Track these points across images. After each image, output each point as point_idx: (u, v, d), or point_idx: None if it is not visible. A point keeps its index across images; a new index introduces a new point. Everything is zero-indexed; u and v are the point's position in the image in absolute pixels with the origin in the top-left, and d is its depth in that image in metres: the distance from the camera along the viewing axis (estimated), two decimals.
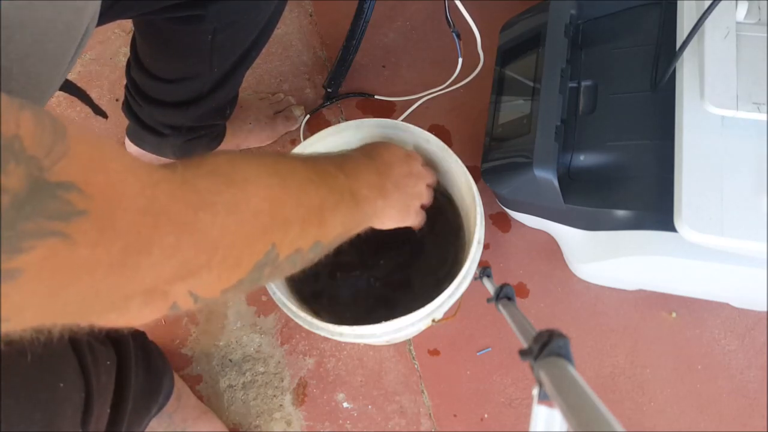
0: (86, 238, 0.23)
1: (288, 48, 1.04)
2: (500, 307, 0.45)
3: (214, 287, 0.32)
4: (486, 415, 0.81)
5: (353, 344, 0.85)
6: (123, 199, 0.25)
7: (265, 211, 0.35)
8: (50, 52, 0.35)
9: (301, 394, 0.84)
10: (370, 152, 0.57)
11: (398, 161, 0.58)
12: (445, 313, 0.61)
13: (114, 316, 0.28)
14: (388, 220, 0.56)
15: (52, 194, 0.22)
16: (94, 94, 1.01)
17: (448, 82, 0.97)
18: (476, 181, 0.68)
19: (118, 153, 0.26)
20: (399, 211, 0.56)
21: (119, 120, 0.88)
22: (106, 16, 0.54)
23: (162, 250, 0.27)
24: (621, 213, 0.70)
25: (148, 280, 0.27)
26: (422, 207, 0.61)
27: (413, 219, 0.59)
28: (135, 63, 0.73)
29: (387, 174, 0.55)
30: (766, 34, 0.63)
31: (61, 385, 0.46)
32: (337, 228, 0.44)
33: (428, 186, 0.61)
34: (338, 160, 0.49)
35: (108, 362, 0.55)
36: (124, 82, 0.78)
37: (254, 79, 1.02)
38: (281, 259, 0.37)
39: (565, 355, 0.29)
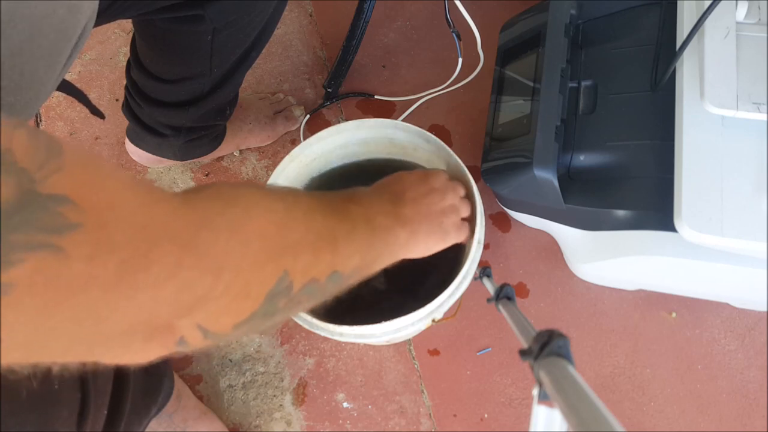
0: (80, 251, 0.22)
1: (288, 48, 1.04)
2: (500, 307, 0.45)
3: (225, 320, 0.31)
4: (486, 415, 0.81)
5: (353, 344, 0.85)
6: (120, 214, 0.24)
7: (271, 234, 0.33)
8: (45, 49, 0.35)
9: (301, 394, 0.84)
10: (379, 185, 0.53)
11: (411, 185, 0.54)
12: (445, 313, 0.61)
13: (118, 351, 0.27)
14: (419, 246, 0.51)
15: (43, 206, 0.21)
16: (93, 95, 1.01)
17: (448, 82, 0.97)
18: (476, 181, 0.68)
19: (116, 172, 0.25)
20: (430, 234, 0.51)
21: (119, 120, 0.88)
22: (105, 15, 0.54)
23: (161, 267, 0.25)
24: (621, 213, 0.70)
25: (149, 303, 0.25)
26: (463, 219, 0.57)
27: (454, 236, 0.54)
28: (135, 63, 0.73)
29: (400, 201, 0.51)
30: (766, 34, 0.63)
31: (57, 386, 0.46)
32: (354, 257, 0.41)
33: (462, 198, 0.58)
34: (345, 193, 0.46)
35: None
36: (124, 82, 0.78)
37: (254, 79, 1.02)
38: (296, 290, 0.35)
39: (565, 355, 0.29)
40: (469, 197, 0.60)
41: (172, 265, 0.26)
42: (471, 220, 0.59)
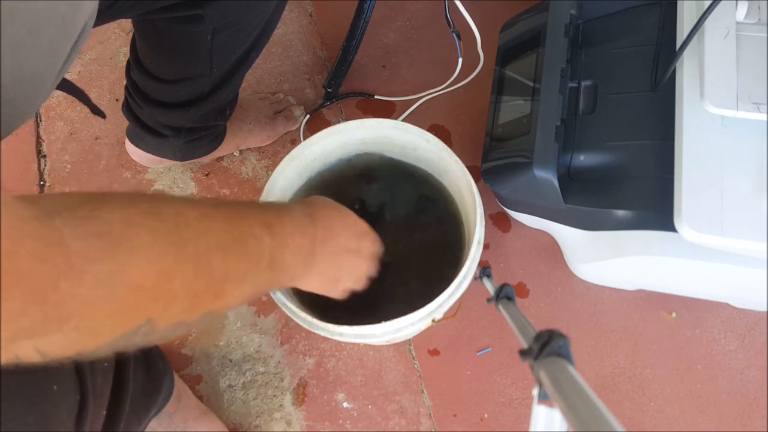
0: None
1: (288, 48, 1.04)
2: (500, 307, 0.45)
3: (66, 350, 0.29)
4: (486, 415, 0.81)
5: (353, 344, 0.85)
6: None
7: (147, 286, 0.31)
8: (45, 44, 0.35)
9: (301, 394, 0.84)
10: (317, 213, 0.51)
11: (345, 233, 0.53)
12: (445, 313, 0.61)
13: None
14: (306, 286, 0.52)
15: None
16: (93, 94, 1.01)
17: (448, 82, 0.97)
18: (476, 181, 0.68)
19: None
20: (321, 282, 0.52)
21: (119, 120, 0.88)
22: (105, 15, 0.54)
23: (4, 313, 0.24)
24: (621, 213, 0.70)
25: None
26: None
27: (337, 294, 0.56)
28: (135, 64, 0.73)
29: (323, 243, 0.50)
30: (766, 34, 0.63)
31: (55, 387, 0.45)
32: (240, 297, 0.40)
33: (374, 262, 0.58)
34: (271, 217, 0.44)
35: (105, 364, 0.55)
36: (124, 82, 0.78)
37: (254, 79, 1.02)
38: (158, 330, 0.33)
39: (565, 355, 0.29)
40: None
41: (15, 312, 0.25)
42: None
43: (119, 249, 0.29)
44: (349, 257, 0.53)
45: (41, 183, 0.96)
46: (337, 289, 0.55)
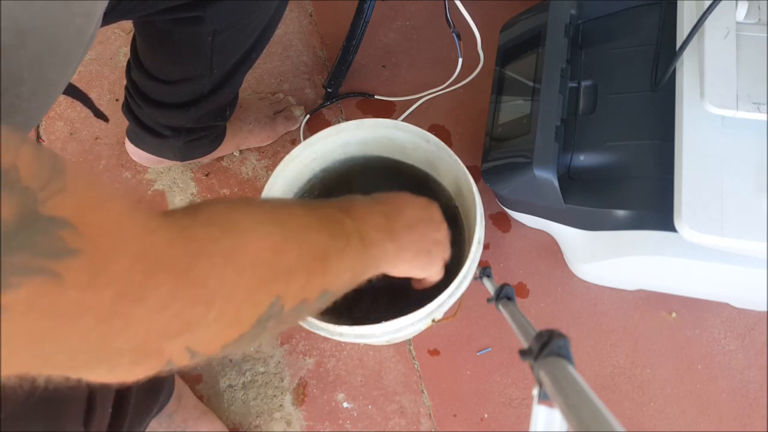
0: (77, 279, 0.22)
1: (288, 48, 1.04)
2: (500, 307, 0.45)
3: (213, 344, 0.31)
4: (486, 415, 0.81)
5: (353, 344, 0.85)
6: (118, 242, 0.24)
7: (266, 261, 0.33)
8: (61, 56, 0.35)
9: (301, 394, 0.84)
10: (379, 197, 0.52)
11: (411, 206, 0.53)
12: (445, 313, 0.61)
13: (103, 372, 0.26)
14: (403, 265, 0.51)
15: (44, 229, 0.21)
16: (93, 95, 1.01)
17: (448, 82, 0.97)
18: (476, 181, 0.68)
19: (117, 195, 0.25)
20: (416, 255, 0.51)
21: (119, 120, 0.88)
22: (107, 17, 0.54)
23: (156, 299, 0.25)
24: (621, 213, 0.70)
25: (141, 332, 0.25)
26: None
27: (437, 268, 0.54)
28: (135, 64, 0.73)
29: (396, 217, 0.50)
30: (766, 34, 0.63)
31: None
32: (345, 274, 0.42)
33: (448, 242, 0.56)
34: (343, 204, 0.46)
35: None
36: (124, 82, 0.78)
37: (254, 79, 1.02)
38: (286, 311, 0.35)
39: (565, 355, 0.29)
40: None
41: (166, 296, 0.26)
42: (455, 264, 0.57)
43: (232, 231, 0.31)
44: (426, 225, 0.53)
45: None
46: (434, 261, 0.53)
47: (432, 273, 0.54)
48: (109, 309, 0.23)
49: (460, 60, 0.90)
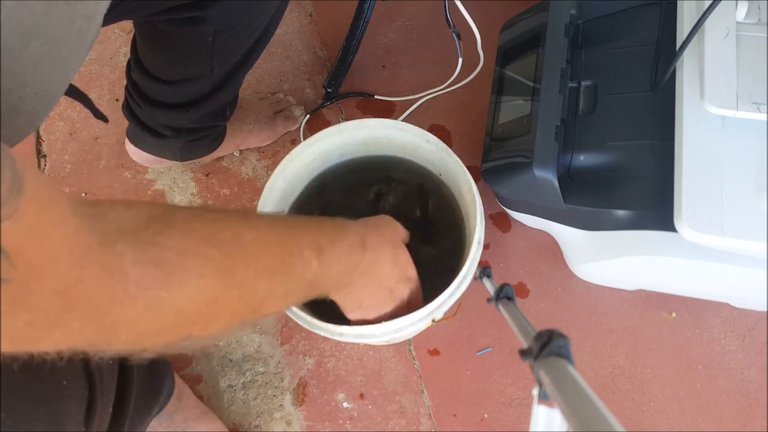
0: None
1: (288, 48, 1.04)
2: (500, 307, 0.45)
3: (111, 352, 0.32)
4: (486, 415, 0.81)
5: (353, 344, 0.85)
6: (46, 277, 0.25)
7: (193, 311, 0.33)
8: (63, 58, 0.36)
9: (301, 394, 0.84)
10: (370, 241, 0.50)
11: (389, 272, 0.53)
12: (445, 313, 0.61)
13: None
14: (328, 296, 0.51)
15: None
16: (93, 95, 1.01)
17: (448, 82, 0.97)
18: (476, 181, 0.68)
19: (65, 220, 0.26)
20: (344, 301, 0.53)
21: (119, 120, 0.88)
22: (108, 17, 0.54)
23: (63, 332, 0.27)
24: (621, 213, 0.70)
25: (43, 349, 0.27)
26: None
27: (351, 315, 0.55)
28: (135, 64, 0.73)
29: (365, 272, 0.50)
30: (766, 34, 0.63)
31: (65, 382, 0.46)
32: (272, 313, 0.42)
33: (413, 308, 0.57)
34: (325, 241, 0.45)
35: (110, 361, 0.55)
36: (124, 82, 0.78)
37: (254, 79, 1.02)
38: (196, 341, 0.36)
39: (565, 355, 0.29)
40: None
41: (74, 331, 0.27)
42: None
43: (172, 278, 0.31)
44: (380, 293, 0.54)
45: None
46: (354, 313, 0.55)
47: (347, 314, 0.55)
48: (18, 333, 0.25)
49: (460, 60, 0.90)
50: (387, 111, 0.99)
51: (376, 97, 0.99)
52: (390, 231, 0.55)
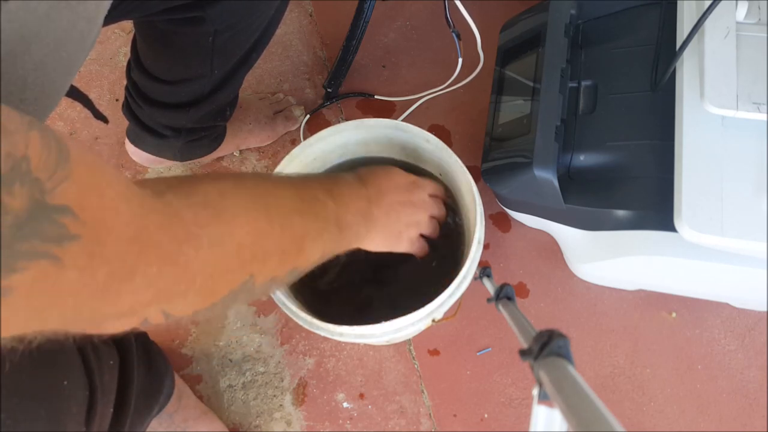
0: (75, 262, 0.24)
1: (288, 48, 1.04)
2: (500, 307, 0.45)
3: (188, 309, 0.34)
4: (486, 415, 0.81)
5: (353, 344, 0.85)
6: (114, 227, 0.26)
7: (248, 244, 0.36)
8: (64, 60, 0.36)
9: (301, 394, 0.84)
10: (365, 177, 0.57)
11: (395, 188, 0.58)
12: (445, 313, 0.61)
13: (87, 329, 0.29)
14: (371, 245, 0.56)
15: (49, 217, 0.23)
16: (93, 95, 1.01)
17: (448, 82, 0.97)
18: (476, 181, 0.68)
19: (116, 179, 0.27)
20: (386, 238, 0.57)
21: (119, 120, 0.88)
22: (108, 18, 0.54)
23: (143, 278, 0.28)
24: (621, 213, 0.70)
25: (127, 304, 0.28)
26: (424, 236, 0.61)
27: (406, 246, 0.59)
28: (135, 64, 0.73)
29: (377, 201, 0.55)
30: (766, 34, 0.63)
31: (66, 382, 0.46)
32: (317, 254, 0.45)
33: (432, 217, 0.62)
34: (329, 184, 0.50)
35: (111, 362, 0.55)
36: (124, 82, 0.78)
37: (254, 79, 1.02)
38: (257, 287, 0.38)
39: (565, 355, 0.29)
40: (446, 212, 0.64)
41: (153, 275, 0.29)
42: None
43: (223, 214, 0.34)
44: (403, 209, 0.58)
45: None
46: (402, 242, 0.59)
47: (403, 249, 0.59)
48: (102, 287, 0.26)
49: (460, 60, 0.90)
50: (387, 111, 0.99)
51: (376, 97, 0.99)
52: (373, 166, 0.60)
